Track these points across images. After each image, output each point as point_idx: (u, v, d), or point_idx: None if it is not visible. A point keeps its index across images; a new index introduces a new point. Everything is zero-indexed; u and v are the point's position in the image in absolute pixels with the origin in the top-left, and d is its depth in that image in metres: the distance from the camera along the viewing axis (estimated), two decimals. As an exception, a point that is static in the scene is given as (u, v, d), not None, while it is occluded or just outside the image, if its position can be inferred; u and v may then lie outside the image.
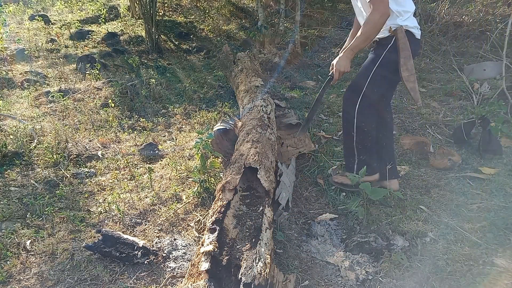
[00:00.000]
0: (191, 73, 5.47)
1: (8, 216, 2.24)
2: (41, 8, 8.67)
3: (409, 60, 2.03)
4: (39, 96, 4.19)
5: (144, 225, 2.22)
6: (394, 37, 2.04)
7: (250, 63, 4.41)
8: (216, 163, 2.67)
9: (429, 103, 4.04)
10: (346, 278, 1.82)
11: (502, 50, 3.64)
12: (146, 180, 2.65)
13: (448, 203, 2.34)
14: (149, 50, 6.27)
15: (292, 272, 1.82)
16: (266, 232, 1.71)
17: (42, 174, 2.71)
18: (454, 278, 1.75)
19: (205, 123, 3.67)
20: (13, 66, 5.19)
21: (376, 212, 2.26)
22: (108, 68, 5.31)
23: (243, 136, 2.53)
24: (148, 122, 3.73)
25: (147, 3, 6.10)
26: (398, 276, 1.79)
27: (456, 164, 2.74)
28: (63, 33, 6.76)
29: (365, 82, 2.14)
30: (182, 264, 1.90)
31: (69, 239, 2.08)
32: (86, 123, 3.61)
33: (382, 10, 1.90)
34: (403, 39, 2.01)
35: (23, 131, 3.19)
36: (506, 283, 1.67)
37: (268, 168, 2.16)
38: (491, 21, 6.04)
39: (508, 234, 2.02)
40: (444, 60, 5.41)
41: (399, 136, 3.23)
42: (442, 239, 2.02)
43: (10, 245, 2.01)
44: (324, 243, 2.07)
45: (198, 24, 7.81)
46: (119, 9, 8.34)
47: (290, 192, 2.37)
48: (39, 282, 1.79)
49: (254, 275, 1.40)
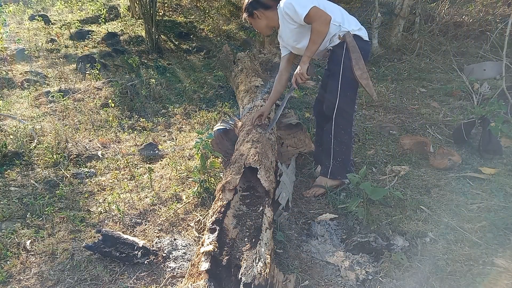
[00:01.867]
0: (191, 73, 5.47)
1: (8, 216, 2.24)
2: (41, 8, 8.68)
3: (360, 60, 2.23)
4: (39, 96, 4.19)
5: (144, 225, 2.22)
6: (343, 42, 2.26)
7: (250, 63, 4.41)
8: (216, 163, 2.67)
9: (429, 103, 4.04)
10: (346, 278, 1.82)
11: (502, 50, 3.64)
12: (146, 180, 2.65)
13: (448, 203, 2.34)
14: (149, 50, 6.27)
15: (292, 272, 1.82)
16: (266, 232, 1.71)
17: (42, 174, 2.71)
18: (454, 278, 1.75)
19: (205, 123, 3.67)
20: (13, 66, 5.19)
21: (376, 212, 2.26)
22: (108, 68, 5.31)
23: (243, 136, 2.53)
24: (148, 122, 3.73)
25: (147, 3, 6.10)
26: (398, 276, 1.79)
27: (456, 164, 2.74)
28: (63, 33, 6.77)
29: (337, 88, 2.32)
30: (182, 264, 1.90)
31: (69, 239, 2.08)
32: (86, 123, 3.61)
33: (322, 17, 2.12)
34: (352, 42, 2.24)
35: (23, 131, 3.19)
36: (506, 283, 1.67)
37: (268, 168, 2.16)
38: (491, 21, 6.05)
39: (508, 234, 2.02)
40: (444, 60, 5.41)
41: (399, 136, 3.23)
42: (442, 239, 2.02)
43: (10, 245, 2.01)
44: (324, 243, 2.07)
45: (198, 24, 7.81)
46: (119, 9, 8.34)
47: (290, 192, 2.37)
48: (39, 282, 1.79)
49: (254, 275, 1.40)
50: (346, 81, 2.28)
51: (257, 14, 2.37)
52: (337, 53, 2.30)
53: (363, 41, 2.32)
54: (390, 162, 2.88)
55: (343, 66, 2.27)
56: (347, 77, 2.27)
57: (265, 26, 2.43)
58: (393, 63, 5.50)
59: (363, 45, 2.30)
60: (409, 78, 4.93)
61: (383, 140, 3.25)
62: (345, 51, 2.25)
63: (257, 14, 2.37)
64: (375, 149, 3.09)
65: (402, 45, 5.92)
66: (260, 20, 2.39)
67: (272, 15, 2.36)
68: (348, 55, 2.24)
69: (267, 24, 2.41)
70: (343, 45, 2.27)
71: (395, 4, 5.90)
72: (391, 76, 4.99)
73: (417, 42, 5.84)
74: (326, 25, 2.14)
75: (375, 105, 4.03)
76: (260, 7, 2.35)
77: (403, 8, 5.74)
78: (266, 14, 2.37)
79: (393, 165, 2.82)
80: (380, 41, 6.04)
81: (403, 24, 5.94)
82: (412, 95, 4.33)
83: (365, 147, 3.11)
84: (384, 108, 3.95)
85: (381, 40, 6.09)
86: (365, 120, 3.66)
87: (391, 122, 3.62)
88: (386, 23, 6.29)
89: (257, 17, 2.38)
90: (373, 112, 3.88)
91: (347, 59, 2.25)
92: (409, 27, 6.29)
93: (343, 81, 2.28)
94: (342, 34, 2.26)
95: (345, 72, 2.27)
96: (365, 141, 3.22)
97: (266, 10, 2.36)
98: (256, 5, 2.35)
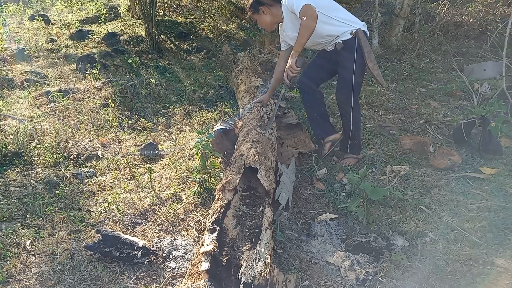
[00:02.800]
0: (191, 73, 5.47)
1: (8, 216, 2.24)
2: (41, 8, 8.67)
3: (371, 54, 2.52)
4: (39, 96, 4.19)
5: (144, 225, 2.22)
6: (355, 37, 2.51)
7: (250, 63, 4.41)
8: (216, 163, 2.67)
9: (429, 103, 4.04)
10: (346, 278, 1.82)
11: (502, 50, 3.64)
12: (146, 180, 2.65)
13: (448, 203, 2.34)
14: (149, 50, 6.27)
15: (292, 272, 1.82)
16: (266, 232, 1.71)
17: (42, 174, 2.71)
18: (454, 278, 1.75)
19: (205, 123, 3.67)
20: (13, 66, 5.19)
21: (376, 212, 2.26)
22: (108, 68, 5.31)
23: (243, 136, 2.53)
24: (148, 122, 3.73)
25: (147, 3, 6.10)
26: (398, 276, 1.79)
27: (456, 164, 2.74)
28: (63, 33, 6.76)
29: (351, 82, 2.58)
30: (182, 264, 1.90)
31: (69, 239, 2.08)
32: (86, 123, 3.61)
33: (311, 15, 2.32)
34: (363, 37, 2.51)
35: (23, 131, 3.19)
36: (506, 283, 1.67)
37: (268, 168, 2.16)
38: (491, 21, 6.04)
39: (508, 234, 2.02)
40: (444, 60, 5.41)
41: (399, 136, 3.23)
42: (442, 239, 2.02)
43: (10, 245, 2.01)
44: (324, 243, 2.07)
45: (198, 24, 7.81)
46: (119, 9, 8.34)
47: (290, 192, 2.37)
48: (39, 282, 1.79)
49: (254, 275, 1.40)
50: (358, 73, 2.55)
51: (263, 10, 2.59)
52: (350, 49, 2.52)
53: (367, 35, 2.58)
54: (390, 162, 2.88)
55: (356, 60, 2.51)
56: (359, 70, 2.55)
57: (270, 22, 2.64)
58: (393, 63, 5.49)
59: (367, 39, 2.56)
60: (409, 78, 4.93)
61: (383, 140, 3.25)
62: (357, 46, 2.49)
63: (263, 10, 2.59)
64: (375, 149, 3.09)
65: (402, 45, 5.92)
66: (266, 16, 2.61)
67: (276, 11, 2.58)
68: (361, 50, 2.49)
69: (272, 19, 2.63)
70: (354, 41, 2.50)
71: (395, 4, 5.90)
72: (391, 76, 4.99)
73: (417, 42, 5.84)
74: (313, 20, 2.32)
75: (375, 105, 4.03)
76: (266, 3, 2.58)
77: (403, 8, 5.74)
78: (271, 10, 2.60)
79: (393, 165, 2.82)
80: (380, 41, 6.03)
81: (403, 24, 5.94)
82: (412, 95, 4.33)
83: (365, 147, 3.11)
84: (384, 108, 3.95)
85: (381, 40, 6.09)
86: (365, 120, 3.66)
87: (391, 122, 3.62)
88: (386, 23, 6.29)
89: (262, 13, 2.60)
90: (373, 112, 3.88)
91: (360, 54, 2.50)
92: (409, 27, 6.28)
93: (356, 74, 2.54)
94: (354, 30, 2.50)
95: (358, 65, 2.53)
96: (365, 141, 3.22)
97: (271, 6, 2.59)
98: (262, 2, 2.58)
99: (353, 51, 2.50)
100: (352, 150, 2.87)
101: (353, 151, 2.88)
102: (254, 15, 2.64)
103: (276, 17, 2.61)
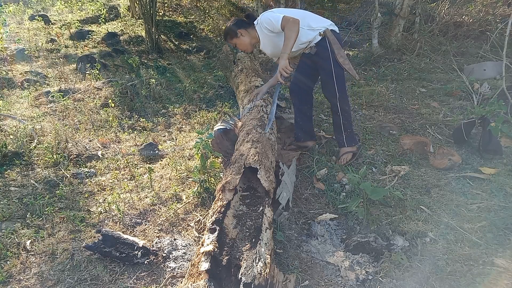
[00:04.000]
0: (191, 73, 5.47)
1: (8, 216, 2.24)
2: (41, 8, 8.67)
3: (340, 50, 2.66)
4: (39, 96, 4.19)
5: (144, 225, 2.22)
6: (325, 37, 2.67)
7: (250, 63, 4.40)
8: (216, 163, 2.67)
9: (429, 103, 4.04)
10: (346, 278, 1.82)
11: (502, 50, 3.63)
12: (146, 180, 2.65)
13: (448, 203, 2.34)
14: (149, 50, 6.27)
15: (292, 272, 1.82)
16: (266, 232, 1.71)
17: (42, 174, 2.71)
18: (454, 278, 1.75)
19: (205, 123, 3.67)
20: (13, 66, 5.19)
21: (376, 212, 2.26)
22: (108, 68, 5.31)
23: (243, 136, 2.53)
24: (148, 122, 3.73)
25: (147, 3, 6.10)
26: (398, 276, 1.79)
27: (456, 164, 2.74)
28: (63, 33, 6.76)
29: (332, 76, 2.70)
30: (182, 264, 1.90)
31: (69, 239, 2.08)
32: (86, 123, 3.61)
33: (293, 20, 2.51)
34: (331, 36, 2.66)
35: (23, 131, 3.19)
36: (506, 283, 1.67)
37: (268, 168, 2.16)
38: (491, 21, 6.05)
39: (508, 234, 2.02)
40: (444, 60, 5.41)
41: (399, 136, 3.23)
42: (442, 239, 2.02)
43: (10, 245, 2.01)
44: (324, 243, 2.07)
45: (198, 24, 7.81)
46: (119, 9, 8.34)
47: (290, 192, 2.37)
48: (39, 282, 1.79)
49: (254, 275, 1.40)
50: (336, 68, 2.68)
51: (241, 32, 2.75)
52: (323, 48, 2.69)
53: (336, 33, 2.73)
54: (390, 162, 2.88)
55: (332, 58, 2.66)
56: (337, 65, 2.67)
57: (249, 43, 2.79)
58: (393, 63, 5.49)
59: (337, 36, 2.72)
60: (409, 78, 4.93)
61: (383, 140, 3.25)
62: (328, 45, 2.66)
63: (241, 33, 2.75)
64: (375, 149, 3.09)
65: (402, 45, 5.92)
66: (244, 38, 2.77)
67: (253, 32, 2.76)
68: (331, 48, 2.65)
69: (250, 40, 2.78)
70: (325, 40, 2.67)
71: (395, 4, 5.90)
72: (391, 76, 4.99)
73: (417, 42, 5.84)
74: (296, 24, 2.51)
75: (375, 105, 4.03)
76: (242, 26, 2.76)
77: (403, 8, 5.74)
78: (248, 31, 2.76)
79: (393, 165, 2.82)
80: (380, 41, 6.03)
81: (403, 24, 5.93)
82: (412, 95, 4.33)
83: (365, 147, 3.11)
84: (384, 108, 3.95)
85: (381, 40, 6.09)
86: (365, 120, 3.66)
87: (391, 122, 3.62)
88: (386, 23, 6.28)
89: (241, 35, 2.76)
90: (373, 112, 3.88)
91: (332, 51, 2.65)
92: (409, 27, 6.28)
93: (335, 70, 2.68)
94: (322, 31, 2.67)
95: (334, 61, 2.67)
96: (365, 141, 3.22)
97: (247, 28, 2.77)
98: (239, 25, 2.76)
99: (327, 49, 2.66)
100: (349, 142, 2.90)
101: (349, 143, 2.90)
102: (233, 39, 2.78)
103: (254, 38, 2.77)
